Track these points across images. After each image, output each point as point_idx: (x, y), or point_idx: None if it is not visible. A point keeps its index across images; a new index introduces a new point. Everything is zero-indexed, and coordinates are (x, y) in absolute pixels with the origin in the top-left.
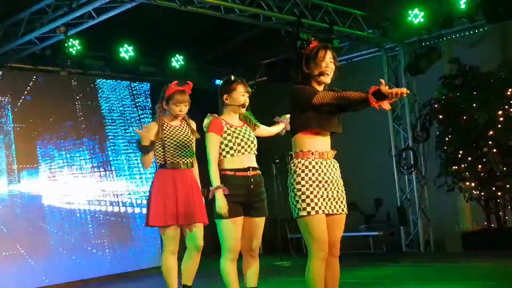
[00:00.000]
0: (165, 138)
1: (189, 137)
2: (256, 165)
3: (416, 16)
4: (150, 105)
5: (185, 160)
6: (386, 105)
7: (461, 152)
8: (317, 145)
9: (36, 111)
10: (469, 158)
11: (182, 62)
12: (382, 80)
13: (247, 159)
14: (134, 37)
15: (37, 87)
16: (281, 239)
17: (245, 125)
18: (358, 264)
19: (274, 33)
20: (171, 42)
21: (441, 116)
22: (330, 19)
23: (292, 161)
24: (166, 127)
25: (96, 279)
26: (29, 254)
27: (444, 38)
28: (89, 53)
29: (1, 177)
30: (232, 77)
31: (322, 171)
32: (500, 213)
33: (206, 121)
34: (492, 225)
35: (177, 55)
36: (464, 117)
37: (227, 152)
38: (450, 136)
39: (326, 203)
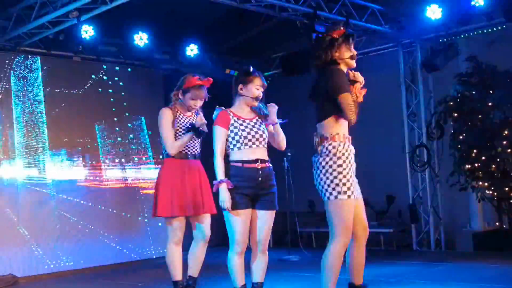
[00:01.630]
0: (178, 128)
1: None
2: (266, 158)
3: (434, 12)
4: (163, 93)
5: (194, 151)
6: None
7: (475, 151)
8: (346, 130)
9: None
10: (483, 158)
11: (196, 52)
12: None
13: (256, 152)
14: (148, 24)
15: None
16: (290, 233)
17: (256, 118)
18: (368, 261)
19: (290, 25)
20: (186, 31)
21: (456, 114)
22: (347, 12)
23: (329, 143)
24: (179, 116)
25: (101, 267)
26: (35, 239)
27: (462, 35)
28: (102, 39)
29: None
30: (251, 69)
31: (352, 156)
32: None
33: (214, 114)
34: (504, 226)
35: (191, 44)
36: (480, 116)
37: (234, 145)
38: (464, 134)
39: (354, 189)
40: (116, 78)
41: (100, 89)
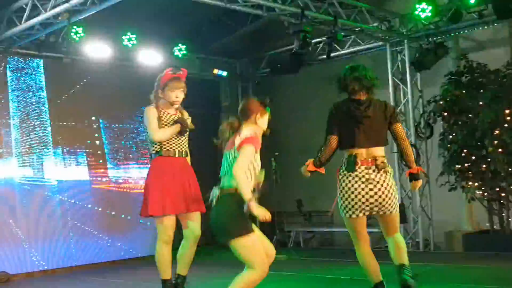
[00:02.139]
0: (163, 126)
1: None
2: None
3: (424, 11)
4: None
5: (181, 148)
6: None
7: (465, 150)
8: None
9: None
10: (473, 157)
11: (184, 52)
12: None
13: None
14: (137, 25)
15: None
16: (278, 232)
17: None
18: (355, 261)
19: (278, 25)
20: (174, 31)
21: (445, 114)
22: (335, 12)
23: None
24: (163, 115)
25: (92, 265)
26: (28, 237)
27: (452, 34)
28: (92, 40)
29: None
30: (268, 101)
31: None
32: (503, 214)
33: (246, 132)
34: (495, 227)
35: (179, 45)
36: (470, 115)
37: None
38: (454, 134)
39: None
40: (105, 79)
41: (90, 90)
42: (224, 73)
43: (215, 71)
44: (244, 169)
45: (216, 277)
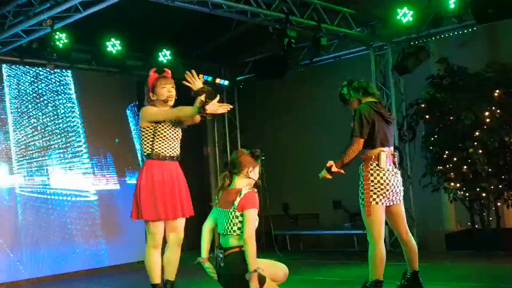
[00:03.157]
0: (165, 128)
1: (177, 129)
2: None
3: (405, 15)
4: (137, 99)
5: (172, 152)
6: None
7: (446, 152)
8: None
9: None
10: (455, 159)
11: (169, 57)
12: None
13: None
14: (121, 31)
15: None
16: (265, 236)
17: None
18: (342, 262)
19: (262, 30)
20: (158, 37)
21: (427, 116)
22: (319, 17)
23: None
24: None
25: (81, 272)
26: (9, 246)
27: (433, 38)
28: (76, 47)
29: None
30: (259, 152)
31: None
32: (484, 214)
33: (244, 190)
34: (476, 226)
35: (164, 50)
36: (451, 118)
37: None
38: (436, 136)
39: None
40: (89, 85)
41: (74, 96)
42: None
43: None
44: (253, 234)
45: (205, 281)
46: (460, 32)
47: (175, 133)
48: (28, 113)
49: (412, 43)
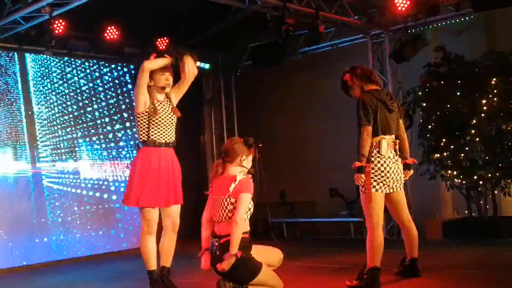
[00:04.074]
0: (157, 113)
1: (172, 116)
2: None
3: (402, 3)
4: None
5: (168, 139)
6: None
7: (444, 140)
8: None
9: None
10: (452, 147)
11: (167, 44)
12: None
13: None
14: (119, 18)
15: None
16: (262, 223)
17: None
18: (339, 249)
19: (260, 17)
20: (156, 24)
21: (424, 104)
22: (316, 5)
23: None
24: (155, 102)
25: (75, 259)
26: (8, 234)
27: (430, 26)
28: (74, 34)
29: None
30: (252, 141)
31: None
32: (481, 202)
33: (239, 177)
34: (473, 214)
35: (162, 37)
36: (448, 106)
37: (247, 215)
38: (433, 124)
39: None
40: (87, 72)
41: (71, 83)
42: (207, 66)
43: (197, 63)
44: (244, 217)
45: (199, 268)
46: (457, 20)
47: (169, 119)
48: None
49: (409, 31)
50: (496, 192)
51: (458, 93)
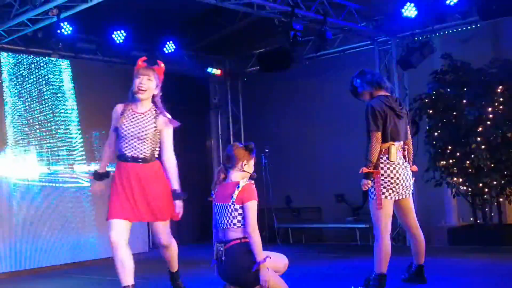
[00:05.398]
0: (121, 125)
1: (147, 129)
2: None
3: (410, 10)
4: None
5: (135, 153)
6: None
7: (449, 147)
8: None
9: None
10: (458, 154)
11: (174, 49)
12: None
13: None
14: (126, 22)
15: None
16: (268, 229)
17: None
18: (344, 256)
19: (268, 22)
20: (163, 28)
21: (431, 111)
22: (324, 11)
23: None
24: (127, 113)
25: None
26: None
27: (437, 33)
28: (81, 37)
29: None
30: (252, 146)
31: None
32: (487, 209)
33: (242, 183)
34: (478, 221)
35: (169, 42)
36: (454, 113)
37: None
38: (439, 131)
39: None
40: (94, 75)
41: (77, 86)
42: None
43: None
44: (256, 225)
45: (207, 273)
46: (464, 28)
47: (139, 131)
48: (25, 102)
49: (416, 38)
50: (501, 199)
51: (464, 101)
